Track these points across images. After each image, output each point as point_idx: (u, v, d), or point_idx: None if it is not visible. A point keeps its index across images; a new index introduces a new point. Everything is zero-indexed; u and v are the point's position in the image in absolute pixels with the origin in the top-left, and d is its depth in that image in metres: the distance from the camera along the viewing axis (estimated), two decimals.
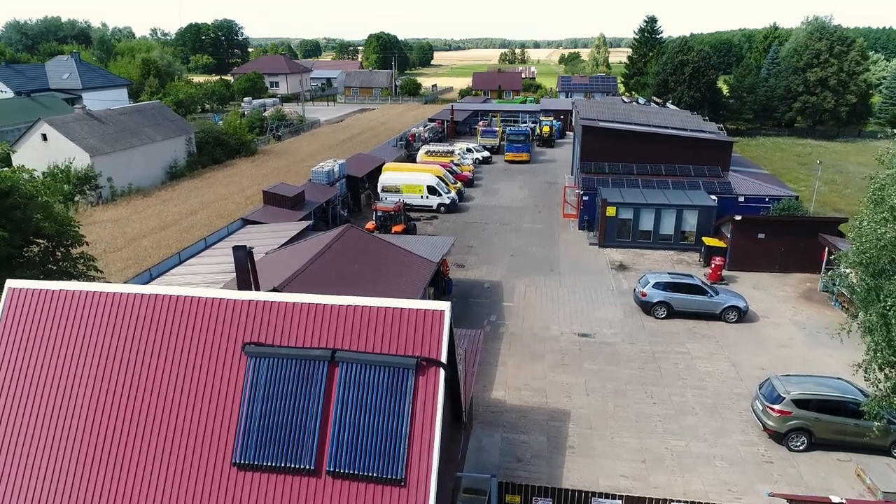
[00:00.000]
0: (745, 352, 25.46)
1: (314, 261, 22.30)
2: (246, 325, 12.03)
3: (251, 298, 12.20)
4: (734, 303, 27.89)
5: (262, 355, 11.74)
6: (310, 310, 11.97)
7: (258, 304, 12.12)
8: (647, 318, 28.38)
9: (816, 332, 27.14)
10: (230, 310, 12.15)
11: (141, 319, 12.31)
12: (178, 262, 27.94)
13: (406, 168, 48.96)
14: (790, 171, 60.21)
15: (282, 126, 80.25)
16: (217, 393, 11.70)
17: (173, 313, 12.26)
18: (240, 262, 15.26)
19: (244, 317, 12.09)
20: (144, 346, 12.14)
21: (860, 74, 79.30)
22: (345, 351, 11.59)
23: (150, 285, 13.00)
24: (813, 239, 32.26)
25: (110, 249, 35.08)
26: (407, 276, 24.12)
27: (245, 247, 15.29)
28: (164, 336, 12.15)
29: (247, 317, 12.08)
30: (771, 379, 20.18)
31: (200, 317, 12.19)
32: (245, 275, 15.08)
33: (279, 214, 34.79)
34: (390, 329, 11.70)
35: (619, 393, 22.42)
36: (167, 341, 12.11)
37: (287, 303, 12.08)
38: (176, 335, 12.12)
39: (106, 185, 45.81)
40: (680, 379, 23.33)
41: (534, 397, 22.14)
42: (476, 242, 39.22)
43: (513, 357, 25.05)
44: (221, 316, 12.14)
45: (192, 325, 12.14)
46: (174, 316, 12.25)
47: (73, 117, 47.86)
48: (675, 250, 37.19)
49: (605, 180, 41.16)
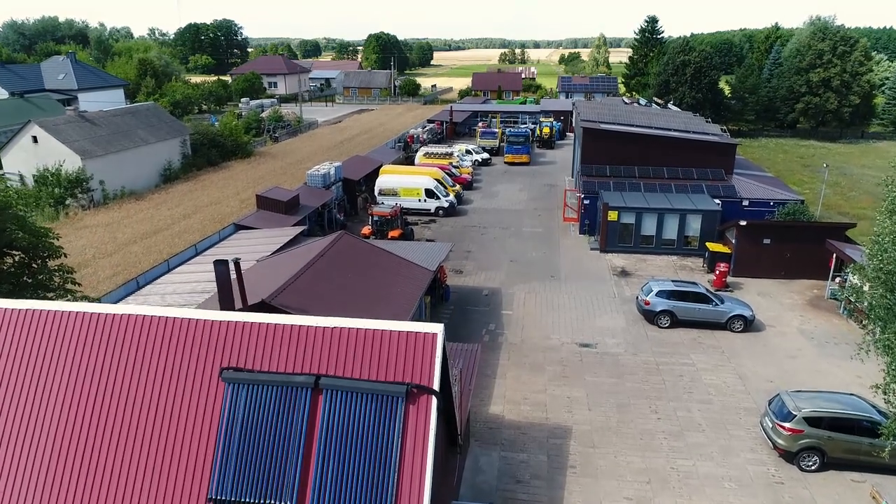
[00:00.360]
0: (752, 363, 24.62)
1: (305, 270, 21.46)
2: (224, 348, 11.21)
3: (229, 319, 11.37)
4: (740, 311, 27.05)
5: (241, 381, 10.92)
6: (292, 332, 11.14)
7: (237, 325, 11.29)
8: (650, 328, 27.54)
9: (825, 343, 26.31)
10: (207, 332, 11.32)
11: (112, 341, 11.48)
12: (166, 269, 27.11)
13: (404, 171, 48.13)
14: (793, 174, 59.41)
15: (279, 127, 79.41)
16: (192, 422, 10.87)
17: (146, 335, 11.43)
18: (221, 277, 14.42)
19: (222, 339, 11.26)
20: (115, 370, 11.31)
21: (863, 75, 78.43)
22: (329, 377, 10.77)
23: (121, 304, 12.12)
24: (820, 245, 31.43)
25: (100, 255, 34.24)
26: (402, 285, 23.29)
27: (227, 261, 14.45)
28: (136, 359, 11.32)
29: (225, 339, 11.25)
30: (781, 395, 19.34)
31: (175, 339, 11.36)
32: (227, 291, 14.26)
33: (273, 219, 33.96)
34: (378, 353, 10.87)
35: (623, 407, 21.58)
36: (139, 365, 11.28)
37: (268, 324, 11.26)
38: (149, 359, 11.29)
39: (98, 188, 44.96)
40: (685, 392, 22.49)
41: (533, 412, 21.30)
42: (475, 247, 38.39)
43: (512, 368, 24.21)
44: (198, 338, 11.31)
45: (165, 348, 11.31)
46: (147, 338, 11.42)
47: (64, 119, 47.04)
48: (678, 255, 36.35)
49: (607, 183, 40.32)
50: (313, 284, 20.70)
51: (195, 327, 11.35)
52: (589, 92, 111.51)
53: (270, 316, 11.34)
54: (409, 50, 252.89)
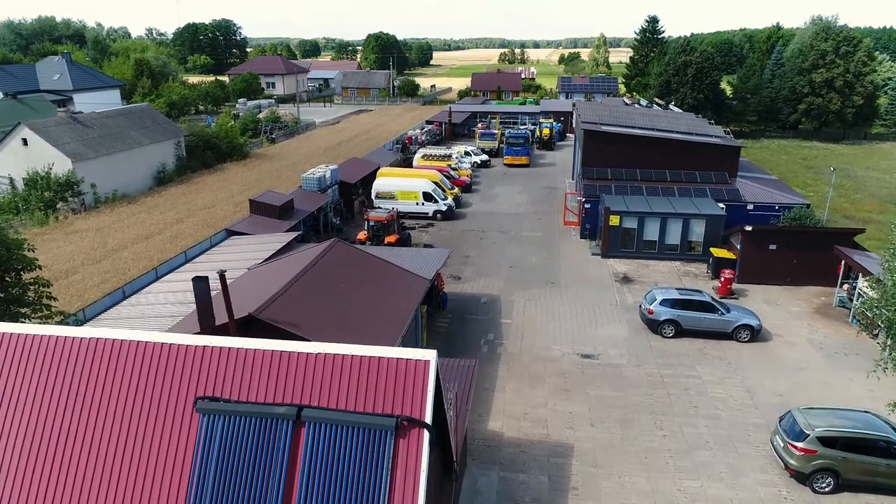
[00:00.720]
0: (760, 375, 23.77)
1: (296, 280, 20.60)
2: (199, 375, 10.35)
3: (205, 344, 10.50)
4: (747, 321, 26.21)
5: (217, 412, 10.06)
6: (273, 358, 10.28)
7: (213, 350, 10.43)
8: (653, 337, 26.70)
9: (834, 353, 25.47)
10: (181, 357, 10.46)
11: (77, 368, 10.62)
12: (154, 277, 26.25)
13: (401, 173, 47.28)
14: (797, 176, 58.56)
15: (276, 128, 78.56)
16: (164, 456, 10.01)
17: (114, 361, 10.57)
18: (201, 295, 13.56)
19: (197, 366, 10.39)
20: (82, 399, 10.45)
21: (867, 76, 77.62)
22: (313, 408, 9.90)
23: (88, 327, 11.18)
24: (827, 251, 30.57)
25: (88, 261, 33.38)
26: (397, 295, 22.43)
27: (206, 278, 13.60)
28: (103, 388, 10.46)
29: (200, 366, 10.39)
30: (792, 412, 18.49)
31: (146, 365, 10.50)
32: (207, 310, 13.40)
33: (266, 225, 33.10)
34: (366, 382, 10.01)
35: (626, 423, 20.74)
36: (107, 394, 10.42)
37: (247, 350, 10.39)
38: (117, 387, 10.43)
39: (89, 192, 44.09)
40: (691, 407, 21.65)
41: (534, 429, 20.46)
42: (473, 252, 37.54)
43: (511, 381, 23.37)
44: (171, 364, 10.45)
45: (136, 375, 10.45)
46: (115, 364, 10.55)
47: (55, 121, 46.16)
48: (681, 261, 35.51)
49: (608, 187, 39.49)
50: (304, 296, 19.85)
51: (168, 353, 10.49)
52: (589, 92, 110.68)
53: (249, 341, 10.48)
54: (408, 50, 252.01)
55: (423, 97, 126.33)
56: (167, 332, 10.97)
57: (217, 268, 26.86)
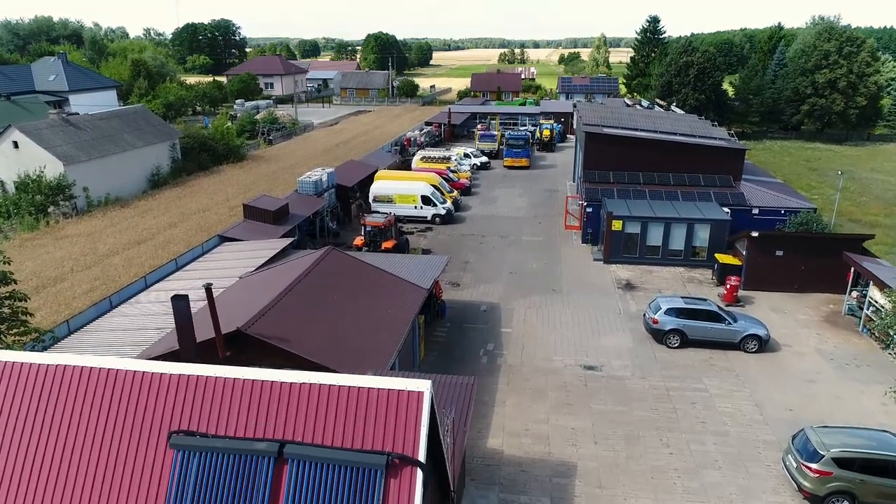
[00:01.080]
0: (769, 388, 22.97)
1: (288, 291, 19.82)
2: (174, 407, 9.56)
3: (180, 373, 9.71)
4: (754, 331, 25.40)
5: (192, 448, 9.28)
6: (253, 389, 9.50)
7: (189, 380, 9.65)
8: (658, 348, 25.89)
9: (845, 365, 24.66)
10: (154, 387, 9.68)
11: (43, 397, 9.83)
12: (144, 286, 25.45)
13: (399, 176, 46.48)
14: (800, 178, 57.76)
15: (273, 129, 77.72)
16: (134, 496, 9.22)
17: (82, 390, 9.79)
18: (180, 315, 12.75)
19: (171, 396, 9.61)
20: (46, 431, 9.66)
21: (870, 76, 76.84)
22: (296, 444, 9.12)
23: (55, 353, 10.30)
24: (835, 257, 29.78)
25: (78, 268, 32.56)
26: (394, 306, 21.64)
27: (186, 297, 12.80)
28: (70, 419, 9.68)
29: (175, 396, 9.61)
30: (806, 431, 17.68)
31: (117, 395, 9.71)
32: (187, 330, 12.59)
33: (260, 230, 32.29)
34: (354, 415, 9.23)
35: (631, 440, 19.93)
36: (74, 426, 9.64)
37: (225, 379, 9.61)
38: (85, 419, 9.65)
39: (81, 195, 43.27)
40: (699, 422, 20.84)
41: (535, 446, 19.65)
42: (473, 257, 36.74)
43: (512, 395, 22.56)
44: (143, 394, 9.67)
45: (104, 406, 9.67)
46: (84, 393, 9.77)
47: (46, 123, 45.31)
48: (685, 267, 34.69)
49: (610, 191, 38.68)
50: (296, 308, 19.05)
51: (140, 382, 9.70)
52: (589, 93, 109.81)
53: (228, 369, 9.69)
54: (408, 50, 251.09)
55: (422, 98, 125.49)
56: (139, 360, 10.14)
57: (208, 276, 26.20)
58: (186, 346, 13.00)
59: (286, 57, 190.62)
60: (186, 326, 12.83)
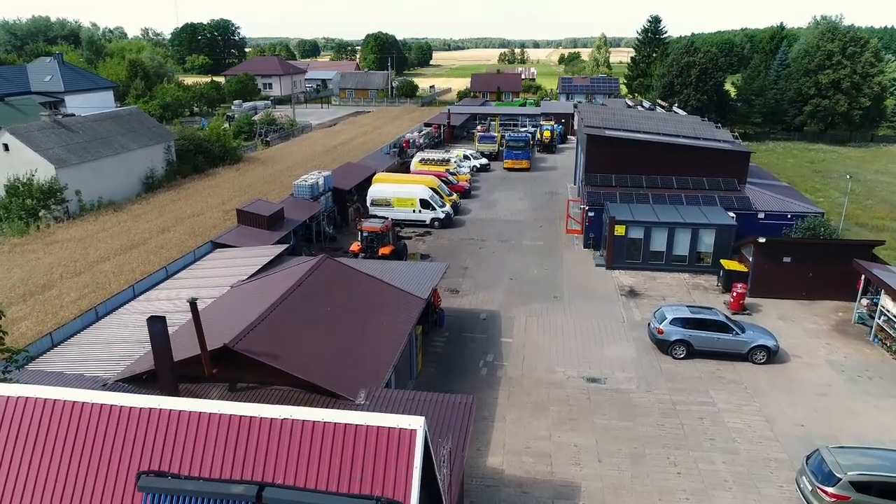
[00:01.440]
0: (779, 402, 22.16)
1: (280, 302, 18.99)
2: (143, 444, 8.75)
3: (151, 406, 8.90)
4: (763, 342, 24.59)
5: (162, 491, 8.46)
6: (230, 424, 8.69)
7: (160, 414, 8.84)
8: (663, 358, 25.09)
9: (857, 377, 23.85)
10: (123, 422, 8.87)
11: (3, 431, 9.01)
12: (132, 295, 24.62)
13: (397, 179, 45.67)
14: (805, 180, 56.90)
15: (271, 131, 76.91)
16: None
17: (45, 424, 8.97)
18: (157, 339, 11.92)
19: (141, 432, 8.80)
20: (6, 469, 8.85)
21: (874, 76, 75.99)
22: (276, 487, 8.31)
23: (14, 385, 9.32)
24: (844, 263, 29.00)
25: (68, 274, 31.73)
26: (390, 318, 20.81)
27: (164, 319, 11.98)
28: (32, 456, 8.86)
29: (146, 433, 8.80)
30: (821, 451, 16.87)
31: (83, 430, 8.90)
32: (164, 354, 11.77)
33: (254, 236, 31.48)
34: (340, 455, 8.41)
35: (637, 458, 19.12)
36: (36, 463, 8.82)
37: (199, 413, 8.80)
38: (48, 457, 8.83)
39: (73, 199, 42.44)
40: (707, 439, 20.04)
41: (536, 465, 18.84)
42: (472, 263, 35.93)
43: (512, 409, 21.75)
44: (111, 430, 8.86)
45: (69, 443, 8.86)
46: (47, 428, 8.95)
47: (37, 126, 44.47)
48: (689, 273, 33.89)
49: (612, 194, 37.86)
50: (287, 322, 18.23)
51: (109, 416, 8.90)
52: (590, 93, 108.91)
53: (203, 403, 8.88)
54: (407, 50, 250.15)
55: (421, 98, 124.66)
56: (105, 392, 9.31)
57: (198, 284, 25.42)
58: (164, 370, 12.10)
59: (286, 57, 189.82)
60: (164, 350, 11.99)
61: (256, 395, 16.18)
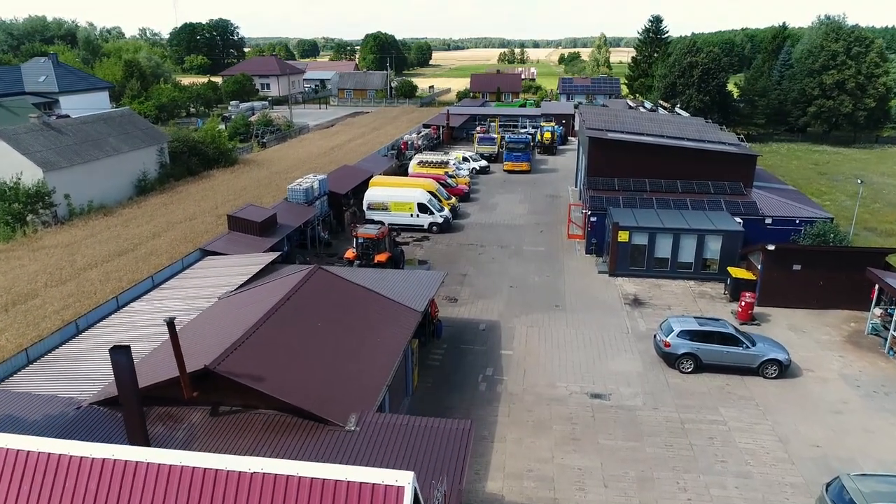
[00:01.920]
0: (792, 420, 21.12)
1: (268, 318, 17.95)
2: (95, 500, 7.70)
3: (104, 457, 7.86)
4: (774, 355, 23.54)
5: None
6: (193, 479, 7.64)
7: (115, 466, 7.80)
8: (670, 373, 24.04)
9: (873, 392, 22.82)
10: (72, 474, 7.82)
11: None
12: (115, 307, 23.55)
13: (395, 183, 44.60)
14: (810, 183, 55.86)
15: (267, 132, 75.84)
16: None
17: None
18: (121, 372, 10.84)
19: (93, 486, 7.76)
20: None
21: (879, 77, 74.96)
22: None
23: None
24: (857, 271, 27.98)
25: (52, 283, 30.67)
26: (384, 333, 19.76)
27: (128, 348, 10.91)
28: None
29: (97, 486, 7.75)
30: (842, 479, 15.84)
31: (27, 483, 7.85)
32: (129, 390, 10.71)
33: (245, 243, 30.42)
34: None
35: (645, 482, 18.08)
36: None
37: (159, 465, 7.76)
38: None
39: (62, 203, 41.38)
40: (718, 461, 18.99)
41: (539, 490, 17.80)
42: (471, 269, 34.89)
43: (512, 428, 20.71)
44: (58, 484, 7.80)
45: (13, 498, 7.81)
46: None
47: (25, 128, 43.37)
48: (695, 281, 32.84)
49: (615, 199, 36.83)
50: (274, 339, 17.19)
51: (55, 467, 7.85)
52: (590, 94, 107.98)
53: (162, 453, 7.84)
54: (407, 50, 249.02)
55: (420, 99, 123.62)
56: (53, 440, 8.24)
57: (185, 295, 24.34)
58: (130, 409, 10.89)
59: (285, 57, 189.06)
60: (129, 384, 10.91)
61: (239, 420, 15.17)
